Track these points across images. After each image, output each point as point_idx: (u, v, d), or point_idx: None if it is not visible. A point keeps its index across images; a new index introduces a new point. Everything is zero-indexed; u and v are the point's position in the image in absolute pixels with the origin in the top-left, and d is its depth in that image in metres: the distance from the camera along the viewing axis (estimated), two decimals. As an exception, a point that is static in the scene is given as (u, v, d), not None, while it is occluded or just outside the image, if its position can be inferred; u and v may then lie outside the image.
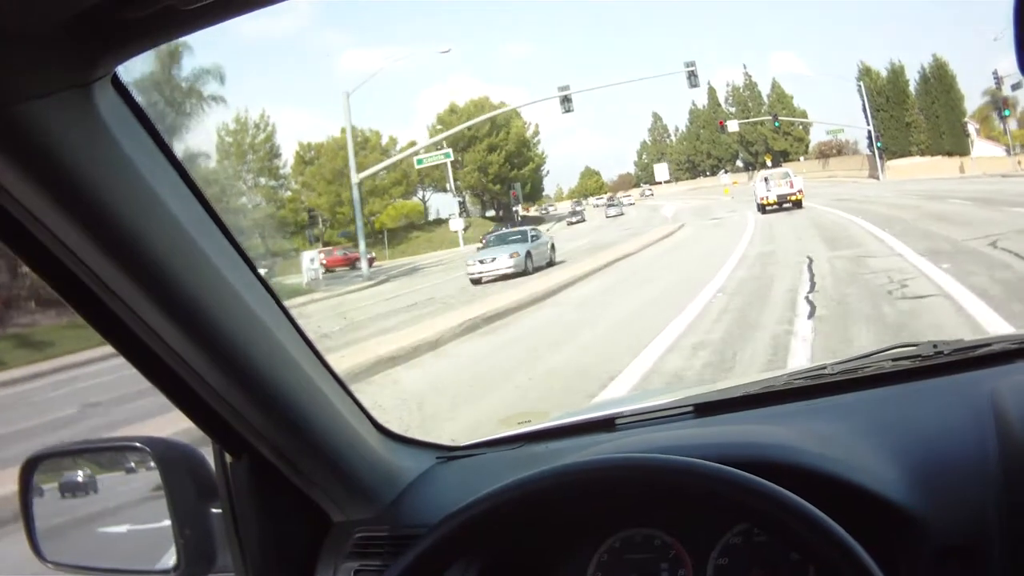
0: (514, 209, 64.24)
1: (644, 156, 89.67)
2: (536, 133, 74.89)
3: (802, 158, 67.67)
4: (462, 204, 59.15)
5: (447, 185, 62.15)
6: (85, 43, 0.89)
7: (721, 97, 76.28)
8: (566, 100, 37.78)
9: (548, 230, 56.13)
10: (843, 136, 65.86)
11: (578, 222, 57.95)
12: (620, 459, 1.22)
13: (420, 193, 66.65)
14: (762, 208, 34.81)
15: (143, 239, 1.05)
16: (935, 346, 1.61)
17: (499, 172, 64.85)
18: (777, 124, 65.52)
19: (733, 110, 72.52)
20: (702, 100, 78.86)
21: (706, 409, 1.65)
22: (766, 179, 36.60)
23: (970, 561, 1.14)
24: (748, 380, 1.78)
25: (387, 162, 45.07)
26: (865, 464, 1.27)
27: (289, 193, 57.13)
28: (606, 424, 1.71)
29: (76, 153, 0.95)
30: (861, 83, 57.45)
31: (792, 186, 34.77)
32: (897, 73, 57.72)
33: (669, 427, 1.64)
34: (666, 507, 1.38)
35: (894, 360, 1.63)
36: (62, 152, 0.94)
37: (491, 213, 67.57)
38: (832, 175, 58.95)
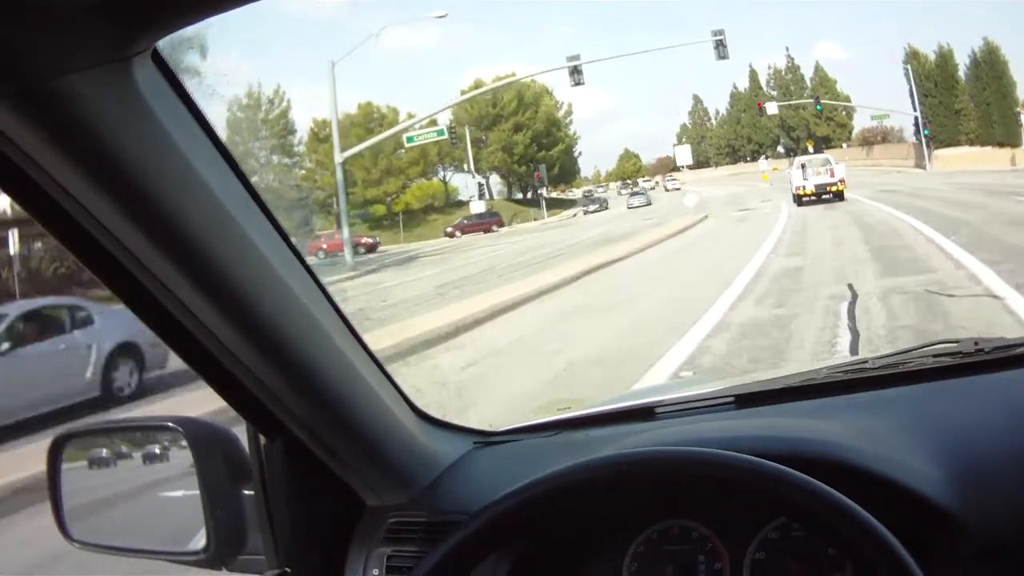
0: (539, 192, 59.51)
1: (684, 139, 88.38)
2: (568, 113, 72.08)
3: (845, 145, 64.54)
4: (481, 186, 55.65)
5: (465, 165, 57.43)
6: (125, 17, 0.88)
7: (763, 80, 72.91)
8: (576, 72, 35.15)
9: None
10: (888, 123, 62.42)
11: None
12: (669, 452, 1.22)
13: (441, 173, 62.60)
14: (798, 199, 30.83)
15: (180, 215, 1.04)
16: (976, 343, 1.60)
17: (525, 153, 62.52)
18: (819, 108, 61.78)
19: (775, 94, 68.58)
20: (744, 83, 74.78)
21: (747, 400, 1.64)
22: (803, 166, 32.18)
23: (1009, 563, 1.14)
24: (788, 372, 1.77)
25: (371, 141, 42.31)
26: (904, 460, 1.27)
27: (303, 172, 52.99)
28: (645, 413, 1.71)
29: (114, 128, 0.95)
30: (908, 67, 52.33)
31: (833, 175, 30.56)
32: (946, 57, 55.93)
33: (709, 418, 1.63)
34: (705, 499, 1.37)
35: (935, 356, 1.62)
36: (100, 126, 0.94)
37: (522, 196, 62.43)
38: (876, 163, 56.05)
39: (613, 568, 1.43)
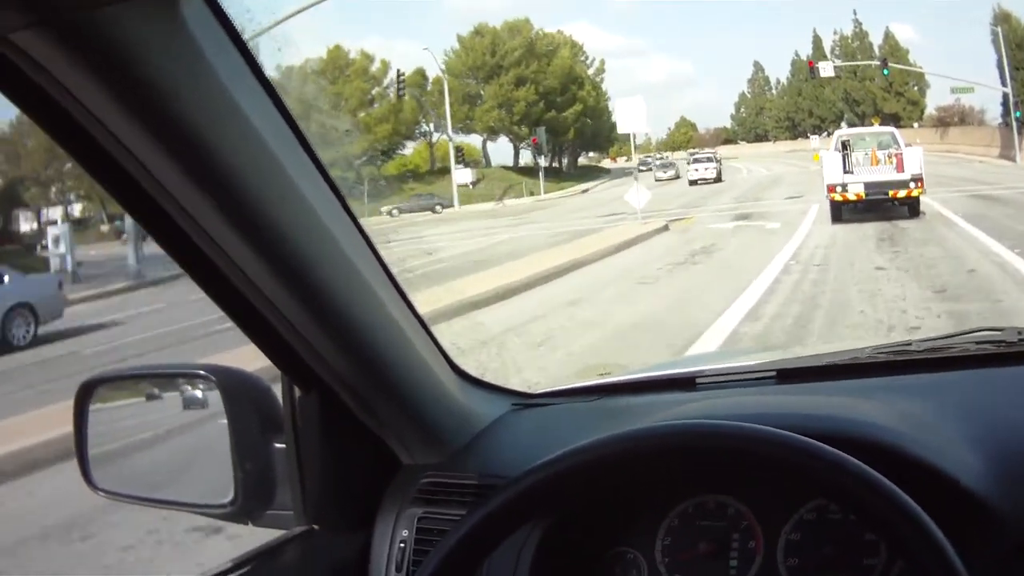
0: (537, 160, 58.17)
1: (742, 110, 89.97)
2: (600, 71, 69.74)
3: (916, 124, 62.89)
4: (459, 152, 53.75)
5: (431, 124, 56.49)
6: None
7: (827, 48, 72.72)
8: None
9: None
10: (967, 102, 60.51)
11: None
12: (710, 425, 1.32)
13: (432, 134, 62.00)
14: (836, 209, 22.25)
15: (222, 155, 1.16)
16: (1020, 333, 1.79)
17: (529, 112, 60.09)
18: (886, 72, 60.10)
19: (839, 63, 67.44)
20: (807, 51, 74.92)
21: (789, 375, 1.85)
22: (845, 145, 23.17)
23: None
24: (831, 349, 2.01)
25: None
26: (943, 447, 1.41)
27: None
28: (686, 383, 1.90)
29: (159, 63, 1.05)
30: (998, 29, 50.74)
31: (901, 167, 21.66)
32: (1045, 20, 51.15)
33: (750, 391, 1.84)
34: (743, 476, 1.51)
35: (978, 343, 1.82)
36: (145, 61, 1.04)
37: (536, 163, 60.92)
38: (951, 149, 53.68)
39: (647, 540, 1.62)
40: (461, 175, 53.30)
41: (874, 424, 1.48)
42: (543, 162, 58.48)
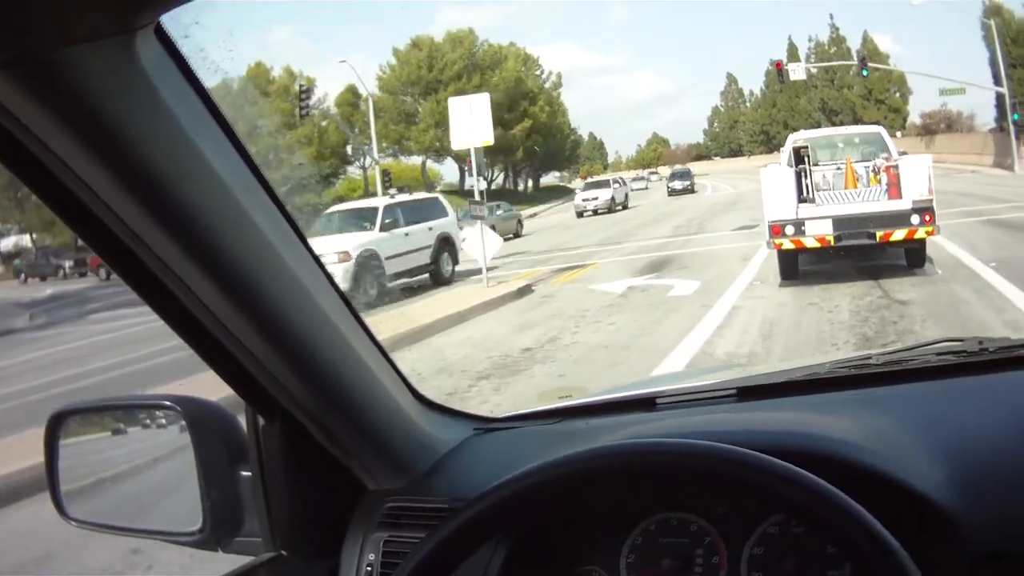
0: (471, 185, 57.56)
1: (715, 124, 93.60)
2: (557, 85, 70.08)
3: (899, 134, 63.03)
4: (386, 176, 53.29)
5: (354, 144, 55.78)
6: None
7: (803, 56, 73.76)
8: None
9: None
10: (954, 106, 60.85)
11: None
12: (663, 443, 1.42)
13: (362, 157, 61.29)
14: (788, 262, 15.87)
15: (181, 193, 1.28)
16: (981, 343, 1.96)
17: None
18: (866, 73, 61.42)
19: (815, 71, 68.80)
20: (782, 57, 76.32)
21: (749, 393, 2.01)
22: (801, 155, 16.36)
23: (1009, 569, 1.36)
24: (791, 366, 2.17)
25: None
26: (905, 459, 1.53)
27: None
28: (646, 403, 2.10)
29: (115, 103, 1.16)
30: (991, 22, 51.59)
31: (897, 189, 15.19)
32: (1041, 13, 51.91)
33: (710, 409, 2.00)
34: (704, 492, 1.62)
35: (939, 354, 1.99)
36: (100, 101, 1.15)
37: (491, 185, 60.37)
38: (939, 158, 52.21)
39: (611, 558, 1.77)
40: (376, 202, 51.20)
41: (834, 439, 1.61)
42: (480, 185, 56.49)
